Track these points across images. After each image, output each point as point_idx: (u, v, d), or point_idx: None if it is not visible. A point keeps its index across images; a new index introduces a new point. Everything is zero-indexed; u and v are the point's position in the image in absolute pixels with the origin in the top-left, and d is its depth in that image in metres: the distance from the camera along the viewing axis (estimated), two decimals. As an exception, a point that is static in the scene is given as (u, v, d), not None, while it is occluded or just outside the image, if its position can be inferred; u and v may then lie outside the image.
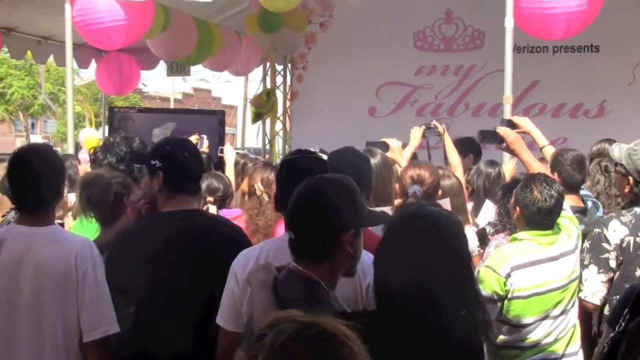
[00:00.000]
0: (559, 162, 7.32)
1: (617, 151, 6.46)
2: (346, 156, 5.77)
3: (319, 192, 4.18)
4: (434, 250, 3.94)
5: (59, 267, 5.07)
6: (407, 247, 3.98)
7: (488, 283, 5.84)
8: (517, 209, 6.10)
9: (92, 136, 12.31)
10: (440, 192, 6.90)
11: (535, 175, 6.18)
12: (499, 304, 5.87)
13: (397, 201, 6.69)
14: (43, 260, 5.08)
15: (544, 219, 5.94)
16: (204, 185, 7.12)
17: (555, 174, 7.15)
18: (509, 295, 5.88)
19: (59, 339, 5.13)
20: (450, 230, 4.10)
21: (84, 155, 10.40)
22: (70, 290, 5.08)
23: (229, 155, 8.73)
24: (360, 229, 4.15)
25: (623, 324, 4.26)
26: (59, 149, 8.16)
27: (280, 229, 5.41)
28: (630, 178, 6.32)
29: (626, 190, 6.48)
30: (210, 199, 7.15)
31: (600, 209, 7.47)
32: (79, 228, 6.84)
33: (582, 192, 7.54)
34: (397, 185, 6.75)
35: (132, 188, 6.86)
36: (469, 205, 8.12)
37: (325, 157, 6.01)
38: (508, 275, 5.83)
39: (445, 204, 7.09)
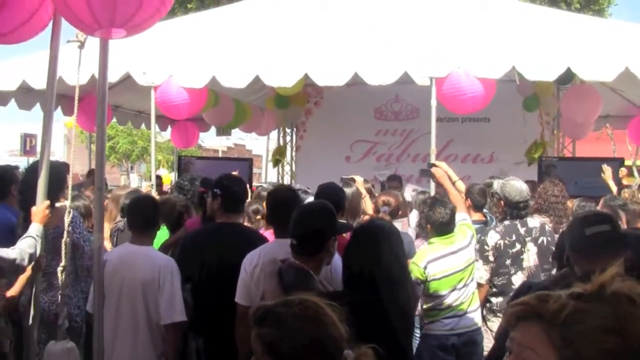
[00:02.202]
0: (470, 192, 7.68)
1: (496, 184, 7.01)
2: (330, 188, 6.04)
3: (312, 214, 4.45)
4: (382, 248, 4.09)
5: (147, 275, 5.17)
6: (366, 246, 4.11)
7: (414, 272, 6.08)
8: (428, 225, 6.44)
9: (167, 175, 12.36)
10: (400, 211, 7.36)
11: (435, 201, 6.55)
12: (422, 285, 6.14)
13: (366, 217, 6.88)
14: (138, 270, 5.14)
15: (444, 227, 6.26)
16: (253, 207, 7.43)
17: (468, 199, 7.53)
18: (429, 279, 6.18)
19: (145, 321, 5.21)
20: (392, 236, 4.25)
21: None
22: (154, 291, 5.16)
23: None
24: (336, 235, 4.24)
25: None
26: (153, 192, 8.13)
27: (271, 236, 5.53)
28: (502, 202, 6.81)
29: (500, 209, 6.97)
30: (259, 217, 7.32)
31: (494, 220, 7.67)
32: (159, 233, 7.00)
33: (484, 210, 7.89)
34: (373, 206, 7.01)
35: (190, 209, 6.94)
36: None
37: (309, 190, 6.21)
38: (425, 267, 6.14)
39: (404, 221, 7.27)
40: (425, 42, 9.39)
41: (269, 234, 6.37)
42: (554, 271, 5.97)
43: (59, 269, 5.22)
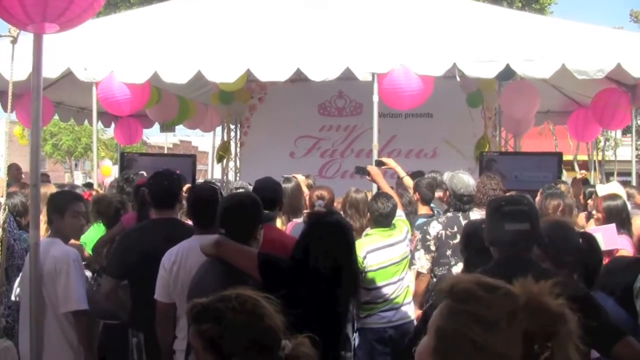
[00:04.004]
0: (418, 186, 7.81)
1: (446, 175, 7.00)
2: (267, 182, 5.93)
3: (239, 203, 4.47)
4: (337, 239, 4.22)
5: (48, 267, 5.15)
6: (321, 236, 4.23)
7: None
8: (368, 214, 6.56)
9: (107, 166, 12.26)
10: (335, 203, 7.31)
11: (379, 193, 6.75)
12: (360, 274, 6.07)
13: (306, 211, 6.86)
14: (43, 261, 5.03)
15: (383, 219, 6.39)
16: None
17: (416, 193, 7.72)
18: (367, 269, 6.29)
19: (50, 310, 5.21)
20: (346, 229, 4.40)
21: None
22: (53, 281, 5.16)
23: None
24: (262, 225, 4.38)
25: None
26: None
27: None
28: (448, 192, 6.86)
29: (445, 199, 7.13)
30: None
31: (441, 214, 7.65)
32: (96, 229, 6.88)
33: (431, 205, 7.96)
34: (308, 201, 6.98)
35: (127, 205, 6.85)
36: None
37: (250, 187, 6.19)
38: (365, 257, 6.25)
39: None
40: (368, 38, 9.47)
41: None
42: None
43: (-5, 266, 5.15)
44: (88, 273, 6.59)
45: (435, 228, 6.71)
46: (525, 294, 1.82)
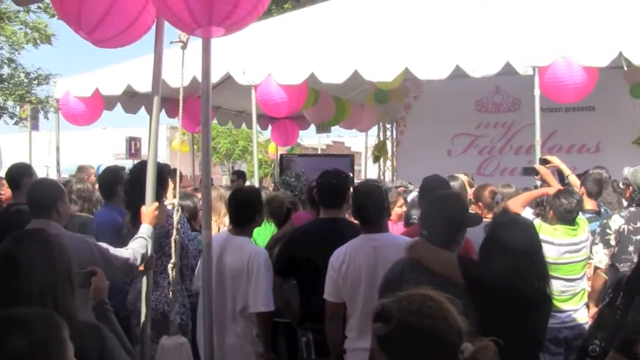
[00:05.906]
0: (585, 179, 7.53)
1: (626, 170, 6.73)
2: (434, 180, 5.99)
3: (444, 204, 4.36)
4: (526, 241, 4.06)
5: (236, 264, 5.30)
6: (509, 239, 4.03)
7: None
8: (551, 211, 6.26)
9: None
10: None
11: (562, 190, 6.39)
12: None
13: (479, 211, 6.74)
14: (228, 259, 5.23)
15: (567, 215, 6.10)
16: None
17: (582, 187, 7.37)
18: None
19: (231, 309, 5.42)
20: (533, 230, 4.29)
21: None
22: (243, 279, 5.29)
23: None
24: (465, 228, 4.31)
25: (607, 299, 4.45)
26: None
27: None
28: (631, 187, 6.56)
29: (627, 194, 6.77)
30: None
31: (608, 212, 7.41)
32: (265, 228, 6.97)
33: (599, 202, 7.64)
34: (482, 197, 6.88)
35: (298, 205, 6.90)
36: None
37: (410, 186, 6.09)
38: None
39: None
40: (528, 30, 9.19)
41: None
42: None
43: (170, 266, 5.31)
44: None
45: (616, 222, 6.46)
46: None
